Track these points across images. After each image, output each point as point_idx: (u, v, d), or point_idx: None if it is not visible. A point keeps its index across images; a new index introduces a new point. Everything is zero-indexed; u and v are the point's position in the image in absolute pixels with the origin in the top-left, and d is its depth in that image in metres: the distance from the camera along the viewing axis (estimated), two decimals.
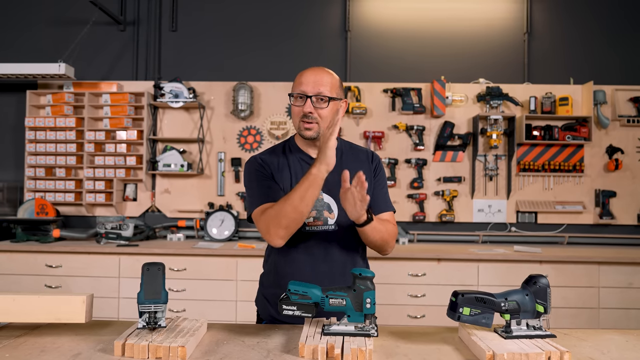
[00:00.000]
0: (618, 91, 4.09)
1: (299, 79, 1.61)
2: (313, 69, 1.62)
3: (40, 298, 1.36)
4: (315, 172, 1.45)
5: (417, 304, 3.41)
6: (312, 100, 1.57)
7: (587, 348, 1.32)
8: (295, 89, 1.61)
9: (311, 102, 1.57)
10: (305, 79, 1.59)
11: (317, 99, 1.58)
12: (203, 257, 3.48)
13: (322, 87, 1.58)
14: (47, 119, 4.04)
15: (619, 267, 3.39)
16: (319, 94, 1.57)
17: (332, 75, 1.62)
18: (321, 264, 1.62)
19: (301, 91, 1.58)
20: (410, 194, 4.10)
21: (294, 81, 1.64)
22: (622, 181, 4.08)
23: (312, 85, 1.58)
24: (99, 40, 4.27)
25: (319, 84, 1.58)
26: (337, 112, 1.58)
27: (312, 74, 1.60)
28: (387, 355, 1.25)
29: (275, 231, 1.50)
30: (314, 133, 1.60)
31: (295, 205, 1.46)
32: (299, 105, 1.60)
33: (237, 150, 4.18)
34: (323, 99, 1.58)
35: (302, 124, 1.60)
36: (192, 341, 1.25)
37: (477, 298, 1.32)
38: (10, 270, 3.52)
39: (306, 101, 1.57)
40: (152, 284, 1.30)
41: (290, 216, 1.47)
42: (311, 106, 1.58)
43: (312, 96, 1.57)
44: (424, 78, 4.15)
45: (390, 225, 1.66)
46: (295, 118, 1.63)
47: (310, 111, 1.57)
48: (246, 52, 4.28)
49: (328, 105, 1.59)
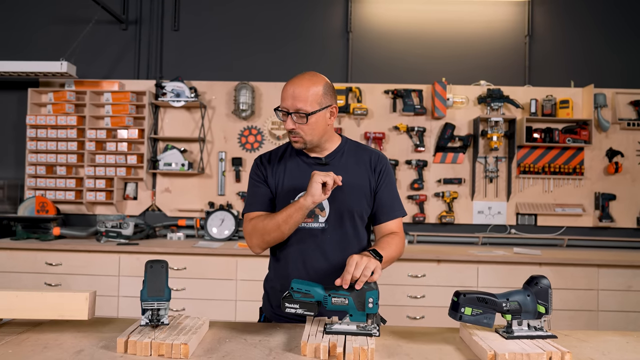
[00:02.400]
0: (618, 94, 4.10)
1: (282, 93, 1.60)
2: (293, 81, 1.59)
3: (43, 295, 1.36)
4: (302, 201, 1.51)
5: (416, 305, 3.41)
6: (292, 116, 1.58)
7: (588, 349, 1.33)
8: (280, 101, 1.61)
9: (292, 118, 1.58)
10: (285, 93, 1.59)
11: (297, 115, 1.58)
12: (203, 256, 3.48)
13: (300, 102, 1.56)
14: (48, 117, 4.04)
15: (618, 270, 3.39)
16: (297, 111, 1.57)
17: (311, 87, 1.58)
18: (312, 259, 1.64)
19: (283, 107, 1.60)
20: (410, 195, 4.10)
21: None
22: (621, 184, 4.09)
23: (290, 101, 1.57)
24: (101, 39, 4.28)
25: (297, 99, 1.56)
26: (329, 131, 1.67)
27: (290, 88, 1.58)
28: (388, 355, 1.25)
29: (257, 242, 1.64)
30: (301, 145, 1.64)
31: (279, 225, 1.56)
32: (283, 120, 1.62)
33: (238, 150, 4.19)
34: (301, 116, 1.57)
35: (291, 136, 1.64)
36: (194, 339, 1.26)
37: (479, 298, 1.32)
38: (11, 268, 3.52)
39: (288, 117, 1.59)
40: (155, 282, 1.30)
41: (272, 234, 1.59)
42: (292, 123, 1.59)
43: (292, 113, 1.58)
44: (425, 79, 4.16)
45: (397, 239, 1.66)
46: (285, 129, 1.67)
47: (292, 127, 1.59)
48: (248, 52, 4.28)
49: (307, 121, 1.58)
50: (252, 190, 1.72)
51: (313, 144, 1.64)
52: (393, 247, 1.61)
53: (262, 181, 1.72)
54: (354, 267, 1.33)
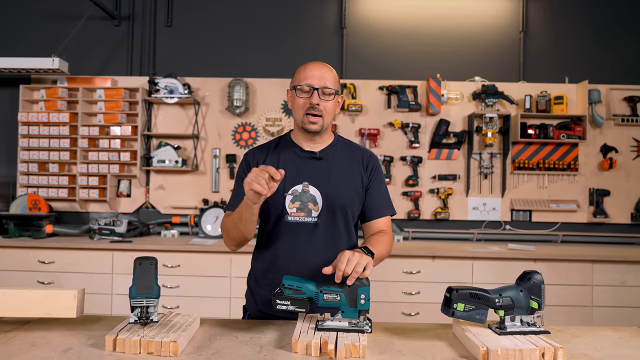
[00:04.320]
0: (613, 90, 4.10)
1: (302, 72, 1.63)
2: (316, 63, 1.65)
3: (31, 292, 1.35)
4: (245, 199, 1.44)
5: (411, 302, 3.41)
6: (318, 92, 1.60)
7: (581, 344, 1.33)
8: (300, 81, 1.62)
9: (317, 94, 1.60)
10: (310, 72, 1.62)
11: (323, 91, 1.61)
12: (197, 253, 3.46)
13: (327, 81, 1.61)
14: (40, 114, 4.01)
15: (612, 265, 3.40)
16: (324, 87, 1.60)
17: (333, 71, 1.66)
18: (304, 255, 1.62)
19: (307, 84, 1.60)
20: (405, 192, 4.09)
21: (296, 75, 1.66)
22: (616, 180, 4.10)
23: (317, 79, 1.60)
24: (93, 35, 4.24)
25: (324, 78, 1.61)
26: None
27: (316, 68, 1.63)
28: (380, 351, 1.24)
29: (227, 241, 1.66)
30: (318, 127, 1.63)
31: (236, 223, 1.56)
32: (304, 98, 1.61)
33: (232, 147, 4.17)
34: (329, 92, 1.61)
35: (307, 118, 1.62)
36: (184, 336, 1.24)
37: (472, 294, 1.32)
38: (2, 266, 3.49)
39: (313, 93, 1.60)
40: (144, 279, 1.28)
41: (233, 232, 1.60)
42: (318, 98, 1.60)
43: (318, 88, 1.60)
44: (419, 76, 4.15)
45: (386, 237, 1.66)
46: (299, 111, 1.63)
47: (317, 102, 1.60)
48: (242, 48, 4.26)
49: (333, 98, 1.63)
50: (236, 190, 1.69)
51: (324, 128, 1.65)
52: (383, 245, 1.60)
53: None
54: (346, 263, 1.32)
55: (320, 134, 1.67)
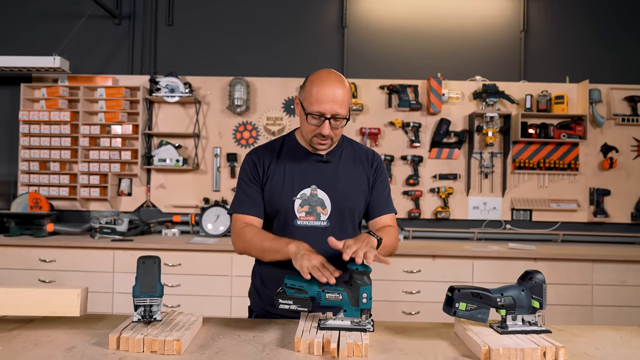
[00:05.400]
0: (613, 90, 4.11)
1: (315, 95, 1.51)
2: (329, 81, 1.52)
3: (35, 291, 1.35)
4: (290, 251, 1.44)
5: (411, 301, 3.41)
6: (330, 122, 1.53)
7: (582, 344, 1.33)
8: (311, 106, 1.52)
9: (329, 123, 1.53)
10: (323, 96, 1.50)
11: (334, 120, 1.54)
12: (198, 252, 3.46)
13: (339, 106, 1.52)
14: (41, 113, 4.01)
15: (612, 264, 3.40)
16: (335, 115, 1.53)
17: (346, 88, 1.55)
18: None
19: (318, 112, 1.52)
20: (405, 191, 4.10)
21: (307, 91, 1.55)
22: (616, 180, 4.10)
23: (329, 105, 1.51)
24: (94, 34, 4.24)
25: (336, 103, 1.51)
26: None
27: (329, 91, 1.50)
28: (382, 350, 1.25)
29: (240, 248, 1.64)
30: (326, 148, 1.63)
31: (263, 251, 1.56)
32: (315, 125, 1.54)
33: (233, 146, 4.17)
34: (340, 120, 1.55)
35: (316, 140, 1.59)
36: (187, 335, 1.25)
37: (474, 293, 1.32)
38: (4, 264, 3.49)
39: (324, 123, 1.53)
40: (147, 277, 1.29)
41: (252, 253, 1.62)
42: (329, 128, 1.54)
43: (330, 118, 1.53)
44: (420, 75, 4.15)
45: (392, 230, 1.68)
46: (307, 133, 1.59)
47: (327, 133, 1.55)
48: (243, 47, 4.26)
49: (345, 124, 1.57)
50: (243, 188, 1.67)
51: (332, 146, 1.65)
52: (390, 237, 1.62)
53: (255, 181, 1.66)
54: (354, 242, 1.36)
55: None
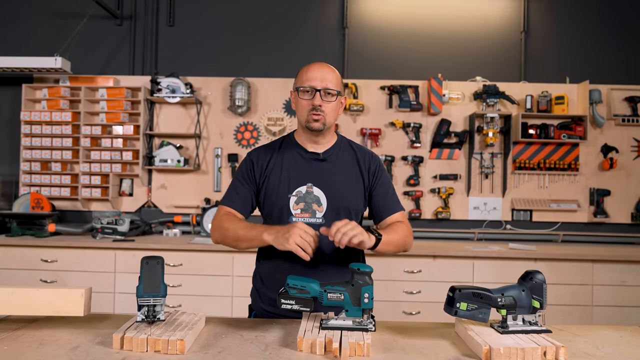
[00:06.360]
0: (613, 90, 4.12)
1: (305, 74, 1.66)
2: (318, 64, 1.68)
3: (39, 291, 1.36)
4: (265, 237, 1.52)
5: (412, 301, 3.42)
6: (320, 94, 1.63)
7: (582, 343, 1.34)
8: (302, 83, 1.65)
9: (320, 95, 1.63)
10: (313, 73, 1.64)
11: (325, 93, 1.63)
12: (199, 252, 3.47)
13: (329, 82, 1.64)
14: (42, 113, 4.02)
15: (612, 265, 3.41)
16: (326, 88, 1.63)
17: (335, 72, 1.69)
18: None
19: (310, 85, 1.63)
20: (406, 191, 4.11)
21: (298, 76, 1.68)
22: (616, 180, 4.11)
23: (319, 80, 1.63)
24: (95, 35, 4.25)
25: (325, 79, 1.64)
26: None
27: (318, 70, 1.65)
28: (384, 350, 1.26)
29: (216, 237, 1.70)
30: (321, 125, 1.65)
31: (238, 238, 1.61)
32: (307, 99, 1.64)
33: (234, 146, 4.18)
34: (331, 93, 1.64)
35: (311, 116, 1.64)
36: (190, 334, 1.26)
37: (474, 293, 1.33)
38: (5, 264, 3.50)
39: (315, 94, 1.63)
40: (151, 278, 1.30)
41: (229, 240, 1.66)
42: (320, 99, 1.63)
43: (320, 90, 1.63)
44: (421, 75, 4.16)
45: (403, 226, 1.70)
46: (302, 112, 1.67)
47: (319, 104, 1.63)
48: (244, 47, 4.27)
49: (336, 99, 1.65)
50: (236, 185, 1.74)
51: (327, 127, 1.67)
52: (398, 233, 1.64)
53: (248, 181, 1.72)
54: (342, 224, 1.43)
55: (324, 134, 1.69)
